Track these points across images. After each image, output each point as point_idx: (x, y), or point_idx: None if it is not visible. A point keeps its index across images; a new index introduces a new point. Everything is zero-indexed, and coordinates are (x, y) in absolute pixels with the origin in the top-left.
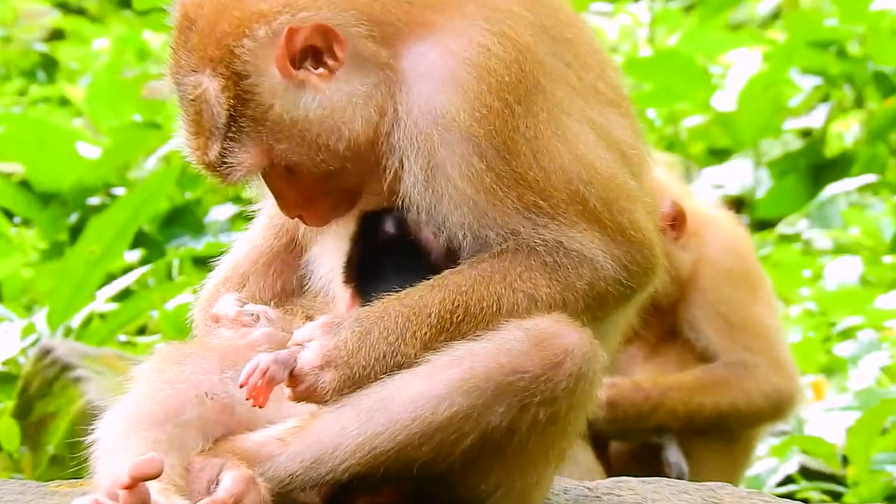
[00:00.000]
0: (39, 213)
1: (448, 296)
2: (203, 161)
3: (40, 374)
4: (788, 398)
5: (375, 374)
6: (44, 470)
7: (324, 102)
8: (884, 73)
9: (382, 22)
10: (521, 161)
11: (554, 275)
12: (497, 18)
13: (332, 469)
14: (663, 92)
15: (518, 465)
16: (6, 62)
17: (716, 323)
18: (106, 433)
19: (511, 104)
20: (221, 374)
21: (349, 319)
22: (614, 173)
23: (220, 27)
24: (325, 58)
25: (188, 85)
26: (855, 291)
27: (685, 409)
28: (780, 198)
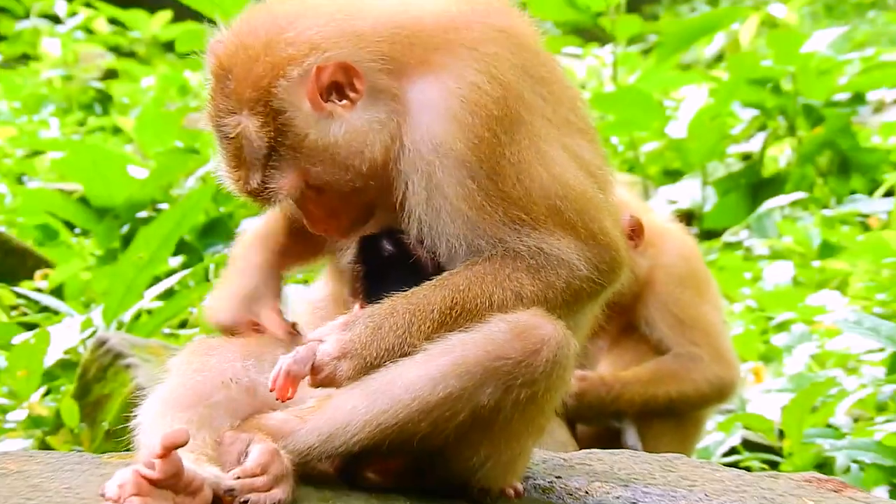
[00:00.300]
0: (96, 225)
1: (448, 294)
2: (245, 190)
3: (97, 361)
4: (730, 385)
5: (385, 362)
6: (99, 444)
7: (349, 128)
8: (811, 106)
9: (392, 58)
10: (506, 182)
11: (536, 275)
12: (486, 61)
13: (344, 442)
14: (625, 122)
15: (503, 438)
16: (68, 97)
17: (668, 320)
18: (146, 415)
19: (498, 134)
20: (243, 361)
21: (363, 316)
22: (585, 189)
23: (254, 72)
24: (346, 90)
25: (228, 125)
26: (788, 291)
27: (641, 399)
28: (724, 212)
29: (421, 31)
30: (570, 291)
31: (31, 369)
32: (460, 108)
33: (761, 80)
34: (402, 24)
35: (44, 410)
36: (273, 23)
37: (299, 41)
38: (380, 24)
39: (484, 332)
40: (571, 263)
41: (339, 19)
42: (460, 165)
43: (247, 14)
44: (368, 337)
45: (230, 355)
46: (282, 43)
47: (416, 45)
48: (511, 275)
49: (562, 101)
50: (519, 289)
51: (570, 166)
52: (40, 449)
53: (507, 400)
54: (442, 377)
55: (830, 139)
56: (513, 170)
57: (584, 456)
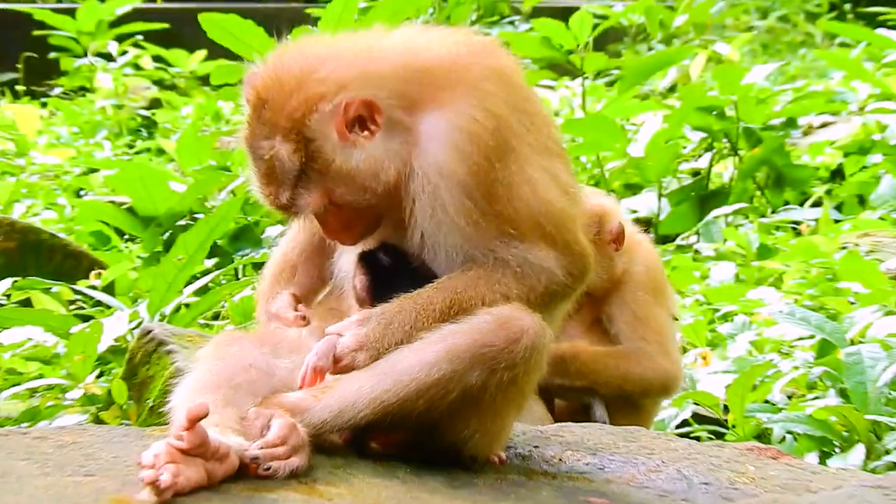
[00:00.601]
0: (142, 232)
1: (447, 295)
2: (275, 203)
3: (142, 348)
4: (672, 379)
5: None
6: (144, 418)
7: (368, 156)
8: (751, 130)
9: (406, 96)
10: (499, 201)
11: (521, 280)
12: (482, 97)
13: (352, 417)
14: (592, 143)
15: (489, 414)
16: (119, 124)
17: (626, 316)
18: (178, 397)
19: (492, 160)
20: (261, 349)
21: (375, 314)
22: (562, 206)
23: (289, 105)
24: (368, 123)
25: (263, 148)
26: (731, 287)
27: (592, 367)
28: (677, 219)
29: (429, 72)
30: (549, 293)
31: (87, 355)
32: (461, 138)
33: (708, 107)
34: (414, 66)
35: (97, 390)
36: (305, 62)
37: (329, 80)
38: (397, 67)
39: (472, 323)
40: (551, 270)
41: (363, 61)
42: (460, 187)
43: (281, 51)
44: (381, 332)
45: (250, 344)
46: (314, 81)
47: (425, 84)
48: (500, 280)
49: (541, 130)
50: (507, 291)
51: (550, 186)
52: (94, 423)
53: (492, 381)
54: (436, 362)
55: (767, 158)
56: (504, 191)
57: (557, 429)
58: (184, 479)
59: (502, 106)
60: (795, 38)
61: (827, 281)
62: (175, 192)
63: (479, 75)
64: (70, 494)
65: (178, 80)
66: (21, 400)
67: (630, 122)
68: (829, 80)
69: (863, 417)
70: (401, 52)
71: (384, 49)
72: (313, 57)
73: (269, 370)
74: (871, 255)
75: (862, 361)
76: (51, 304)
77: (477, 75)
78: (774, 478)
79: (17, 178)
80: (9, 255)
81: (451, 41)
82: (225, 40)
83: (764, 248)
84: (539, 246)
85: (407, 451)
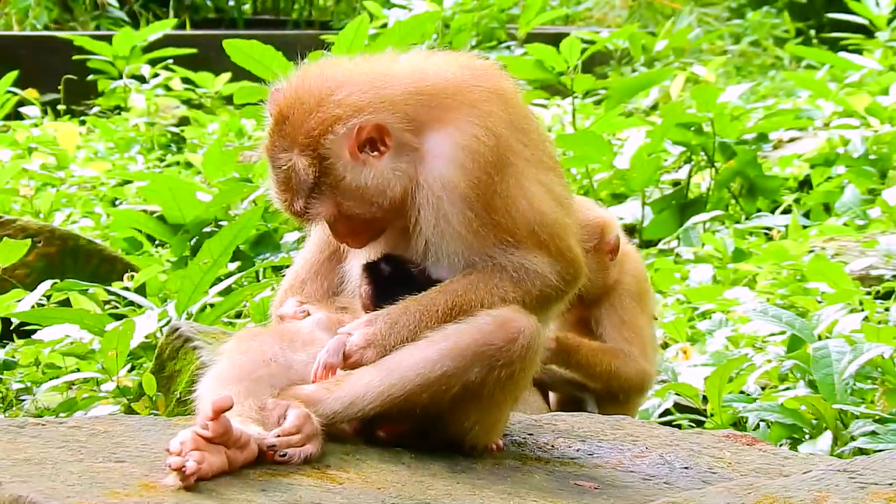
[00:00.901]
0: (171, 238)
1: (449, 298)
2: (290, 210)
3: (170, 344)
4: (650, 379)
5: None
6: (172, 409)
7: (377, 175)
8: (727, 144)
9: (414, 119)
10: (497, 212)
11: (518, 285)
12: (482, 117)
13: (361, 409)
14: (581, 157)
15: (488, 407)
16: (150, 139)
17: (613, 320)
18: (203, 389)
19: (492, 175)
20: (280, 344)
21: (382, 314)
22: (556, 216)
23: (308, 123)
24: (378, 145)
25: (281, 159)
26: (709, 287)
27: (591, 360)
28: (659, 226)
29: (436, 95)
30: (543, 296)
31: (120, 350)
32: (463, 155)
33: (687, 124)
34: (422, 90)
35: (129, 383)
36: (324, 84)
37: (345, 103)
38: (407, 92)
39: (473, 323)
40: (545, 275)
41: (377, 86)
42: (462, 200)
43: (303, 72)
44: (387, 330)
45: (269, 340)
46: (331, 103)
47: (432, 106)
48: (498, 283)
49: (538, 146)
50: (504, 294)
51: (545, 198)
52: (126, 413)
53: (490, 377)
54: (440, 359)
55: (741, 169)
56: (502, 203)
57: (550, 418)
58: (207, 466)
59: (501, 125)
60: (766, 61)
61: (796, 281)
62: (201, 201)
63: (480, 97)
64: (102, 479)
65: (205, 100)
66: (59, 392)
67: (616, 137)
68: (796, 98)
69: (830, 407)
70: (410, 77)
71: (395, 74)
72: (332, 80)
73: (286, 364)
74: (836, 257)
75: (829, 355)
76: (87, 304)
77: (478, 97)
78: (749, 462)
79: (57, 189)
80: (49, 260)
81: (455, 65)
82: (247, 64)
83: (739, 252)
84: (534, 253)
85: (411, 440)
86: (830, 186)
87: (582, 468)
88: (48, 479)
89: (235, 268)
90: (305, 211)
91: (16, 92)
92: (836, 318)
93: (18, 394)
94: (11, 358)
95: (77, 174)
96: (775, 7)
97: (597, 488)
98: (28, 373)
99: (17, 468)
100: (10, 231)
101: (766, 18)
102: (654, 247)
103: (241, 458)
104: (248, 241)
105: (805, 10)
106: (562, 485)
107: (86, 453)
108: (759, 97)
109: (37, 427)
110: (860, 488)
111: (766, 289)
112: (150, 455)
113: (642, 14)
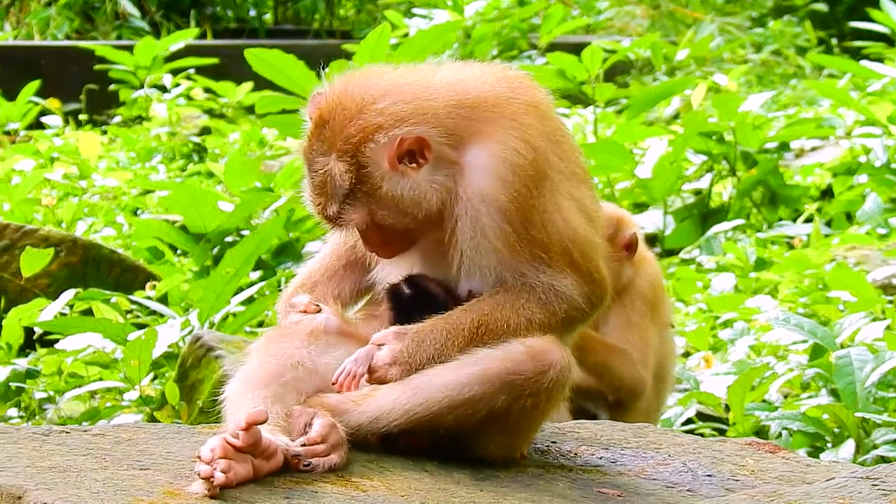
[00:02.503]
0: (193, 247)
1: (475, 317)
2: (323, 214)
3: (193, 353)
4: (644, 387)
5: (425, 367)
6: (195, 418)
7: (413, 186)
8: (748, 153)
9: (454, 133)
10: (534, 227)
11: (545, 307)
12: (522, 130)
13: (386, 425)
14: (603, 166)
15: (511, 432)
16: (172, 149)
17: (620, 319)
18: (231, 392)
19: (531, 189)
20: (308, 347)
21: (411, 332)
22: (588, 234)
23: (348, 130)
24: (417, 157)
25: (319, 163)
26: (731, 296)
27: (584, 345)
28: (681, 235)
29: (475, 108)
30: (568, 318)
31: (142, 359)
32: (504, 168)
33: (708, 132)
34: (463, 103)
35: (152, 392)
36: (367, 92)
37: (387, 112)
38: (449, 105)
39: (506, 350)
40: (572, 298)
41: (419, 98)
42: (501, 213)
43: (346, 78)
44: (413, 349)
45: (298, 343)
46: (373, 112)
47: (472, 119)
48: (525, 304)
49: (570, 157)
50: (530, 316)
51: (577, 214)
52: (148, 422)
53: (517, 405)
54: (468, 383)
55: (762, 178)
56: (539, 217)
57: (573, 426)
58: (233, 475)
59: (538, 137)
60: (787, 70)
61: (818, 290)
62: (223, 211)
63: (518, 110)
64: (126, 487)
65: (227, 110)
66: (82, 401)
67: (637, 147)
68: (818, 107)
69: (852, 415)
70: (451, 89)
71: (437, 86)
72: (375, 88)
73: (313, 367)
74: (858, 266)
75: (851, 363)
76: (110, 313)
77: (516, 110)
78: (772, 470)
79: (79, 198)
80: (72, 269)
81: (492, 77)
82: (269, 73)
83: (760, 261)
84: (564, 273)
85: (433, 451)
86: (852, 195)
87: (605, 476)
88: (73, 487)
89: (257, 277)
90: (338, 217)
91: (37, 102)
92: (858, 327)
93: (41, 403)
94: (34, 367)
95: (99, 184)
96: (797, 16)
97: (620, 496)
98: (51, 382)
99: (42, 476)
100: (32, 241)
101: (788, 27)
102: (676, 256)
103: (266, 468)
104: (269, 250)
105: (826, 19)
106: (585, 492)
107: (110, 461)
108: (781, 106)
109: (61, 435)
110: (883, 495)
111: (788, 297)
112: (175, 462)
113: (664, 23)
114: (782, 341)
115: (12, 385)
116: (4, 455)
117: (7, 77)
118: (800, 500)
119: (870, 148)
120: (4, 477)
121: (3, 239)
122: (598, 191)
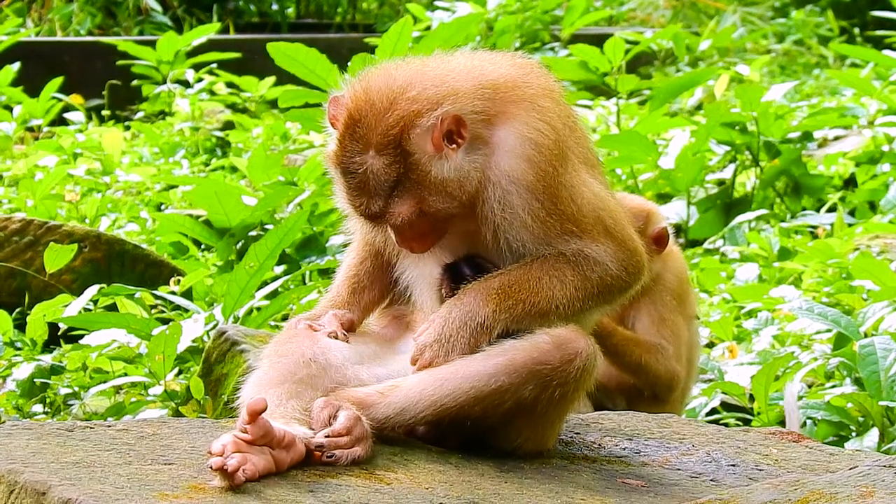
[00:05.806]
0: (217, 242)
1: (504, 278)
2: (366, 213)
3: (218, 347)
4: (678, 381)
5: (459, 334)
6: (220, 412)
7: (456, 167)
8: (771, 143)
9: (482, 112)
10: (563, 202)
11: (576, 269)
12: (543, 112)
13: (413, 416)
14: (626, 157)
15: (539, 423)
16: (195, 144)
17: (652, 315)
18: (245, 394)
19: (556, 167)
20: (318, 345)
21: (439, 315)
22: (616, 205)
23: (383, 123)
24: (455, 137)
25: (355, 163)
26: (755, 286)
27: (622, 348)
28: (704, 225)
29: (498, 89)
30: (603, 284)
31: (167, 354)
32: (530, 148)
33: (731, 123)
34: (487, 83)
35: (176, 386)
36: (395, 84)
37: (421, 98)
38: (475, 85)
39: (532, 340)
40: (605, 264)
41: (449, 81)
42: (530, 191)
43: (366, 76)
44: (446, 315)
45: (307, 341)
46: (406, 100)
47: (496, 99)
48: (556, 265)
49: (582, 143)
50: (562, 277)
51: (602, 188)
52: (173, 416)
53: (544, 395)
54: (495, 373)
55: (786, 168)
56: (566, 193)
57: (597, 416)
58: (251, 467)
59: (558, 119)
60: (810, 60)
61: (842, 279)
62: (247, 205)
63: (536, 93)
64: (150, 482)
65: (249, 104)
66: (107, 396)
67: (661, 138)
68: (841, 97)
69: (876, 404)
70: (470, 72)
71: (458, 70)
72: (401, 79)
73: (326, 364)
74: (881, 255)
75: (875, 353)
76: (134, 308)
77: (535, 93)
78: (796, 459)
79: (103, 194)
80: (96, 265)
81: (505, 62)
82: (292, 67)
83: (784, 251)
84: (597, 241)
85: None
86: (875, 184)
87: (629, 466)
88: (97, 482)
89: (281, 271)
90: (385, 212)
91: (60, 98)
92: (882, 316)
93: (66, 399)
94: (59, 363)
95: (122, 179)
96: (819, 6)
97: (644, 486)
98: (75, 377)
99: (67, 471)
100: (56, 236)
101: (810, 17)
102: (700, 246)
103: (287, 459)
104: (293, 244)
105: (849, 8)
106: (609, 483)
107: (134, 456)
108: (804, 96)
109: (85, 430)
110: None
111: (811, 287)
112: (199, 457)
113: (686, 14)
114: (806, 331)
115: (37, 381)
116: (29, 451)
117: (30, 73)
118: (823, 489)
119: (893, 137)
120: (29, 472)
121: (27, 235)
122: (622, 182)
